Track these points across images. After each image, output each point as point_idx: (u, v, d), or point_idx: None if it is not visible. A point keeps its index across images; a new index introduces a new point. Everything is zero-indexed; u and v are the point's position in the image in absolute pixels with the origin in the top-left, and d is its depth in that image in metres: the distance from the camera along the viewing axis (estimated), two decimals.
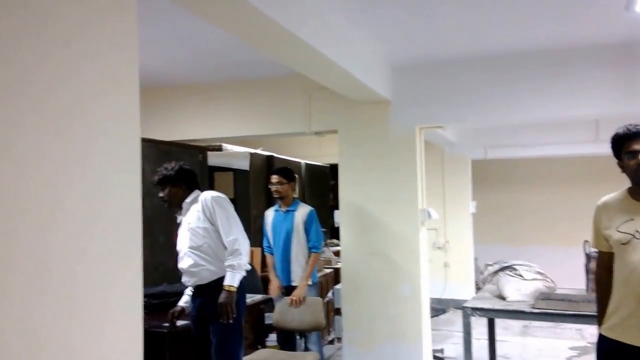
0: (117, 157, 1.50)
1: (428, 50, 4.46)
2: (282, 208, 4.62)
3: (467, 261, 8.44)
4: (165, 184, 3.57)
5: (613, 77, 4.26)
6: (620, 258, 2.53)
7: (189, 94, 5.51)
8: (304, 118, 5.13)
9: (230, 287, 3.37)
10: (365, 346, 4.87)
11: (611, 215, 2.57)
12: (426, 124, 4.90)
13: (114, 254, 1.47)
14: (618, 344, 2.51)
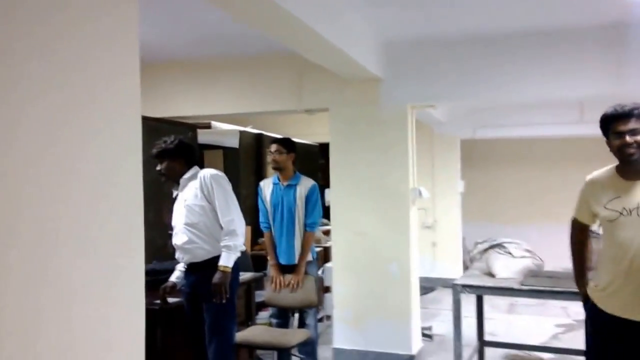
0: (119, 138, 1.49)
1: (420, 28, 4.44)
2: (282, 182, 4.37)
3: (455, 240, 8.51)
4: (163, 157, 3.53)
5: (601, 59, 4.27)
6: (607, 235, 2.59)
7: (179, 71, 5.44)
8: (295, 96, 5.10)
9: (226, 268, 3.36)
10: (355, 324, 4.91)
11: (599, 192, 2.64)
12: (418, 102, 4.89)
13: (118, 234, 1.47)
14: (611, 317, 2.57)
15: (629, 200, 2.52)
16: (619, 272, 2.53)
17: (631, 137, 2.50)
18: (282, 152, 4.31)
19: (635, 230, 2.48)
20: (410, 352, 4.78)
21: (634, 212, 2.49)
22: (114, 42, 1.47)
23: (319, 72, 4.73)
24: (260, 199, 4.47)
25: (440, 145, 8.45)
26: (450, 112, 7.51)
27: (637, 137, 2.51)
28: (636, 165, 2.55)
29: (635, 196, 2.52)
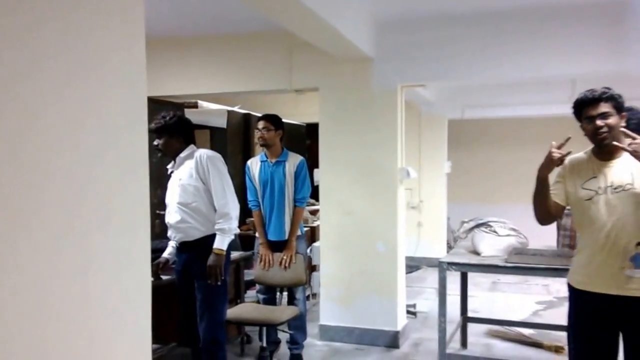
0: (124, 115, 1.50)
1: (412, 6, 4.46)
2: (269, 158, 4.36)
3: (440, 220, 8.62)
4: (162, 133, 3.50)
5: (595, 36, 4.30)
6: (583, 214, 2.69)
7: (166, 49, 5.38)
8: (285, 75, 5.09)
9: (220, 251, 3.39)
10: (342, 302, 5.00)
11: (576, 174, 2.74)
12: (408, 82, 4.92)
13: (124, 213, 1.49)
14: (590, 295, 2.66)
15: (603, 179, 2.64)
16: (597, 248, 2.63)
17: (602, 120, 2.61)
18: (270, 129, 4.29)
19: (609, 208, 2.59)
20: (396, 328, 4.88)
21: (608, 190, 2.61)
22: (120, 15, 1.48)
23: (309, 51, 4.74)
24: (248, 177, 4.45)
25: (428, 125, 8.50)
26: (439, 92, 7.55)
27: (607, 120, 2.60)
28: (609, 147, 2.65)
29: (608, 175, 2.63)
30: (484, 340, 5.01)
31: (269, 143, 4.32)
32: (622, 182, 2.59)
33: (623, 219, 2.57)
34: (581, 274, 2.73)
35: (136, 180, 1.54)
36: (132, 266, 1.52)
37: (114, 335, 1.46)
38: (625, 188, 2.58)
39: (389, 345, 4.84)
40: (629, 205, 2.57)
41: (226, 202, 3.41)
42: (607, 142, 2.62)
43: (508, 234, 4.19)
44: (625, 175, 2.60)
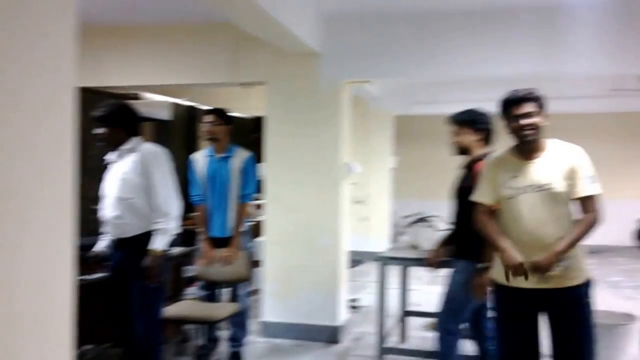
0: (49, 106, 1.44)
1: (358, 3, 4.49)
2: (216, 153, 4.27)
3: (385, 215, 8.73)
4: (105, 122, 3.33)
5: (531, 38, 4.43)
6: (507, 212, 2.79)
7: (108, 38, 5.22)
8: (231, 68, 5.03)
9: (158, 252, 3.27)
10: (284, 297, 5.00)
11: (499, 173, 2.84)
12: (354, 78, 4.96)
13: (47, 208, 1.44)
14: (514, 290, 2.77)
15: (525, 178, 2.74)
16: (519, 246, 2.72)
17: (527, 119, 2.71)
18: (217, 124, 4.21)
19: (531, 206, 2.70)
20: (336, 323, 4.92)
21: (529, 189, 2.71)
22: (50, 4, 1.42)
23: (256, 44, 4.70)
24: (192, 171, 4.34)
25: (375, 121, 8.58)
26: (386, 88, 7.63)
27: (531, 119, 2.71)
28: (531, 146, 2.77)
29: (530, 174, 2.74)
30: (423, 333, 5.10)
31: (216, 137, 4.23)
32: (544, 181, 2.71)
33: (544, 217, 2.69)
34: (501, 270, 2.79)
35: (60, 176, 1.49)
36: (54, 266, 1.47)
37: (30, 337, 1.41)
38: (545, 187, 2.70)
39: (330, 341, 4.87)
40: (549, 203, 2.70)
41: (167, 201, 3.28)
42: (530, 139, 2.74)
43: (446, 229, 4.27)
44: (546, 175, 2.72)
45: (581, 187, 2.70)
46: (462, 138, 3.59)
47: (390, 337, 4.53)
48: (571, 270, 2.69)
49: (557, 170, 2.72)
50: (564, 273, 2.66)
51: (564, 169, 2.72)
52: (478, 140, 3.52)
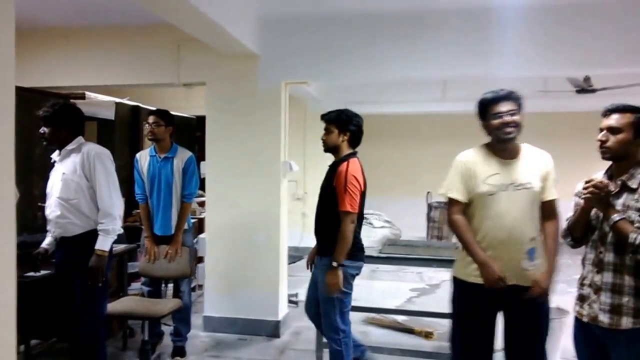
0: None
1: (296, 5, 4.61)
2: (158, 154, 4.36)
3: None
4: (49, 122, 3.36)
5: (462, 41, 4.60)
6: (485, 208, 2.85)
7: (52, 39, 5.21)
8: (173, 69, 5.09)
9: (102, 252, 3.32)
10: (226, 292, 5.09)
11: (476, 170, 2.89)
12: (292, 79, 5.07)
13: None
14: (480, 286, 2.83)
15: (506, 176, 2.82)
16: (496, 242, 2.80)
17: (510, 117, 2.79)
18: (160, 125, 4.30)
19: (510, 203, 2.79)
20: (277, 317, 5.06)
21: (510, 187, 2.80)
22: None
23: (196, 46, 4.77)
24: (136, 170, 4.43)
25: (313, 120, 8.69)
26: (324, 89, 7.80)
27: (514, 117, 2.79)
28: (511, 146, 2.86)
29: (511, 173, 2.82)
30: (362, 327, 5.29)
31: (159, 138, 4.31)
32: (524, 180, 2.82)
33: (522, 215, 2.80)
34: (472, 269, 2.86)
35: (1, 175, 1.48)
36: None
37: None
38: (526, 186, 2.81)
39: (271, 335, 5.01)
40: (528, 202, 2.82)
41: (111, 203, 3.34)
42: (511, 137, 2.82)
43: (382, 226, 4.49)
44: (528, 175, 2.83)
45: (550, 190, 2.85)
46: (329, 137, 3.64)
47: None
48: (540, 270, 2.80)
49: (535, 171, 2.85)
50: (536, 270, 2.79)
51: (540, 171, 2.84)
52: (344, 140, 3.62)
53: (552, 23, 4.43)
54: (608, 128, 2.44)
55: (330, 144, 3.63)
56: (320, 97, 7.83)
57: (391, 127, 10.08)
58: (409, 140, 9.98)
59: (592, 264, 2.46)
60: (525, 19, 4.45)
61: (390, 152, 10.08)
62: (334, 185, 3.45)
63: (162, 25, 4.73)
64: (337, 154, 3.65)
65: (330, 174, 3.57)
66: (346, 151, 3.63)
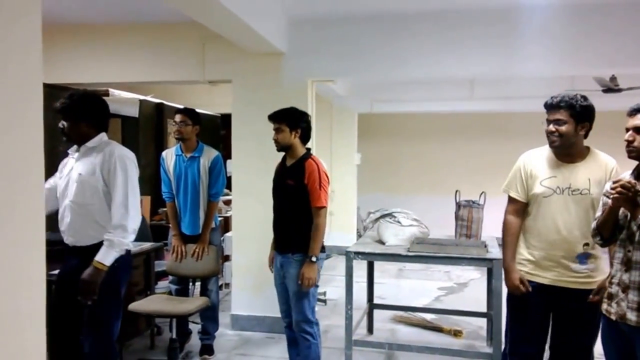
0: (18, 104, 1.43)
1: (323, 4, 4.57)
2: (184, 153, 4.33)
3: (351, 210, 8.89)
4: (68, 114, 2.99)
5: (491, 40, 4.57)
6: (539, 208, 2.94)
7: (77, 35, 5.24)
8: (198, 66, 5.09)
9: (100, 265, 2.87)
10: (254, 291, 5.07)
11: (535, 170, 2.96)
12: (318, 77, 5.05)
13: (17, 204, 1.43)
14: (537, 285, 2.94)
15: (562, 180, 2.88)
16: (547, 244, 2.90)
17: (554, 126, 2.84)
18: (188, 124, 4.28)
19: (564, 207, 2.86)
20: None
21: (566, 191, 2.86)
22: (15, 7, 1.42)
23: (222, 43, 4.75)
24: (163, 169, 4.43)
25: (339, 118, 8.74)
26: (349, 87, 7.77)
27: (560, 127, 2.83)
28: (568, 150, 2.89)
29: (568, 177, 2.88)
30: (390, 325, 5.26)
31: (185, 137, 4.30)
32: (581, 186, 2.85)
33: (575, 220, 2.85)
34: (528, 266, 2.98)
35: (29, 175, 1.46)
36: (26, 265, 1.45)
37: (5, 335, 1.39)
38: (582, 192, 2.85)
39: None
40: (582, 208, 2.85)
41: (125, 213, 2.92)
42: (555, 145, 2.87)
43: (411, 224, 4.42)
44: (584, 181, 2.86)
45: None
46: (281, 136, 3.64)
47: (358, 329, 4.66)
48: (592, 275, 2.86)
49: (593, 177, 2.86)
50: (587, 274, 2.85)
51: (601, 178, 2.84)
52: (296, 137, 3.63)
53: (579, 22, 4.39)
54: (634, 128, 2.46)
55: (283, 142, 3.64)
56: (346, 95, 7.79)
57: (418, 125, 10.00)
58: (437, 139, 9.87)
59: (621, 262, 2.47)
60: (552, 17, 4.43)
61: (418, 151, 10.00)
62: (305, 183, 3.50)
63: (188, 22, 4.73)
64: (292, 152, 3.67)
65: (296, 172, 3.58)
66: (301, 149, 3.67)
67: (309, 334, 3.67)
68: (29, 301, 1.48)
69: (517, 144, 4.56)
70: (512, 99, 7.39)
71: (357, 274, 4.25)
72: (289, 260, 3.61)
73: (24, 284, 1.46)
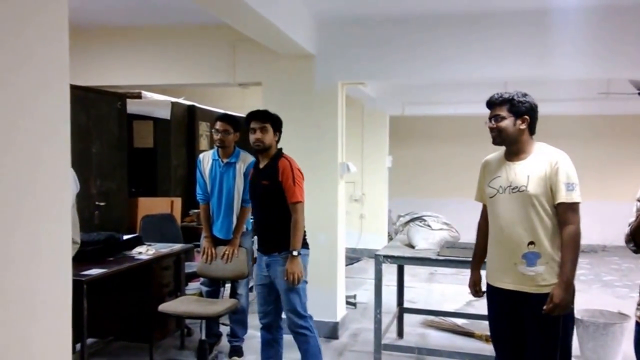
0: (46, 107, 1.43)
1: (353, 6, 4.55)
2: (221, 158, 4.37)
3: (382, 213, 8.83)
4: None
5: (525, 42, 4.49)
6: (490, 209, 2.93)
7: (110, 38, 5.33)
8: (228, 69, 5.12)
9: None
10: None
11: (487, 172, 2.97)
12: (348, 79, 5.03)
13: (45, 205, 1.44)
14: (494, 289, 2.90)
15: (505, 179, 2.83)
16: (495, 243, 2.89)
17: (493, 121, 2.84)
18: (230, 132, 4.32)
19: (506, 206, 2.79)
20: (335, 319, 5.01)
21: (507, 190, 2.80)
22: (42, 3, 1.41)
23: (252, 46, 4.78)
24: (199, 171, 4.46)
25: (370, 121, 8.69)
26: (381, 89, 7.71)
27: (498, 122, 2.81)
28: (513, 147, 2.85)
29: (509, 175, 2.82)
30: (420, 330, 5.20)
31: (227, 145, 4.34)
32: (519, 183, 2.76)
33: (516, 218, 2.76)
34: (489, 268, 2.97)
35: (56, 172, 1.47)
36: (47, 258, 1.45)
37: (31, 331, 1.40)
38: (520, 189, 2.76)
39: (329, 336, 4.96)
40: (523, 206, 2.74)
41: None
42: (496, 142, 2.86)
43: (441, 228, 4.37)
44: (523, 178, 2.76)
45: (557, 193, 2.70)
46: (266, 136, 3.66)
47: (387, 334, 4.62)
48: (545, 276, 2.72)
49: (536, 173, 2.75)
50: (537, 277, 2.72)
51: (543, 173, 2.73)
52: (274, 139, 3.73)
53: (613, 23, 4.31)
54: None
55: (267, 143, 3.66)
56: (376, 98, 7.75)
57: (450, 128, 9.91)
58: (469, 142, 9.73)
59: None
60: (586, 19, 4.35)
61: (450, 153, 9.90)
62: (280, 180, 3.54)
63: (218, 25, 4.77)
64: (267, 153, 3.70)
65: (270, 172, 3.62)
66: (275, 149, 3.73)
67: (304, 327, 3.68)
68: (54, 300, 1.49)
69: None
70: (546, 102, 7.25)
71: (387, 277, 4.22)
72: (276, 259, 3.60)
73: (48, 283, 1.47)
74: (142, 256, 4.20)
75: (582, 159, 8.91)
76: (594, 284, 7.30)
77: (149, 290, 4.22)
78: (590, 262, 8.56)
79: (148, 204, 5.84)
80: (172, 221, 5.63)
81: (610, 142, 9.69)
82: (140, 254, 4.23)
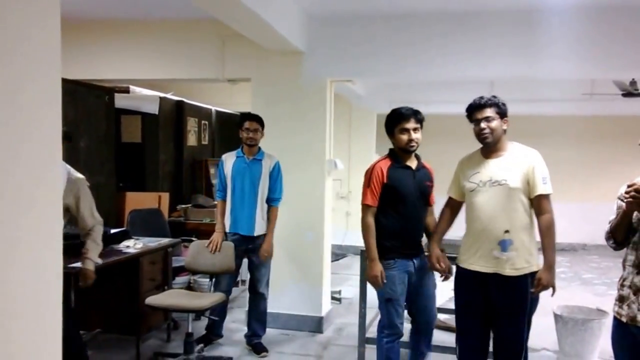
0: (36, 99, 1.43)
1: (342, 3, 4.58)
2: (247, 155, 4.47)
3: None
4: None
5: (512, 41, 4.55)
6: (468, 203, 3.22)
7: (98, 31, 5.33)
8: (217, 64, 5.15)
9: None
10: (270, 288, 5.10)
11: (465, 169, 3.24)
12: (337, 76, 5.07)
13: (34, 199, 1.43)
14: (471, 273, 3.15)
15: (485, 174, 3.13)
16: (475, 233, 3.14)
17: (485, 123, 3.09)
18: (259, 130, 4.44)
19: (486, 198, 3.10)
20: (320, 314, 5.07)
21: (487, 184, 3.10)
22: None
23: (241, 41, 4.80)
24: (221, 170, 4.55)
25: (358, 118, 8.74)
26: (369, 87, 7.76)
27: (490, 123, 3.09)
28: (493, 146, 3.14)
29: (488, 171, 3.13)
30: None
31: (256, 143, 4.48)
32: (499, 177, 3.07)
33: (495, 210, 3.06)
34: (464, 254, 3.21)
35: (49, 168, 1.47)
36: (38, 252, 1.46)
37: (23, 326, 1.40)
38: (500, 183, 3.07)
39: (314, 331, 5.02)
40: (503, 197, 3.05)
41: None
42: (488, 142, 3.11)
43: None
44: (502, 172, 3.08)
45: (535, 187, 3.04)
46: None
47: (371, 328, 4.67)
48: (515, 261, 3.03)
49: (514, 169, 3.06)
50: (509, 261, 3.02)
51: (520, 168, 3.06)
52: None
53: (600, 24, 4.39)
54: None
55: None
56: (364, 96, 7.80)
57: (437, 126, 9.84)
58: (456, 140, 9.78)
59: (633, 265, 2.49)
60: (573, 20, 4.42)
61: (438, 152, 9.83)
62: None
63: (207, 20, 4.79)
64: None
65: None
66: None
67: None
68: (46, 294, 1.50)
69: (535, 147, 4.55)
70: (530, 102, 7.35)
71: None
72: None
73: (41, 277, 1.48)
74: (130, 250, 4.23)
75: (564, 160, 9.16)
76: (573, 281, 7.42)
77: (136, 283, 4.24)
78: (570, 260, 8.70)
79: (136, 199, 5.85)
80: (159, 216, 5.65)
81: (592, 143, 9.81)
82: (127, 248, 4.26)
